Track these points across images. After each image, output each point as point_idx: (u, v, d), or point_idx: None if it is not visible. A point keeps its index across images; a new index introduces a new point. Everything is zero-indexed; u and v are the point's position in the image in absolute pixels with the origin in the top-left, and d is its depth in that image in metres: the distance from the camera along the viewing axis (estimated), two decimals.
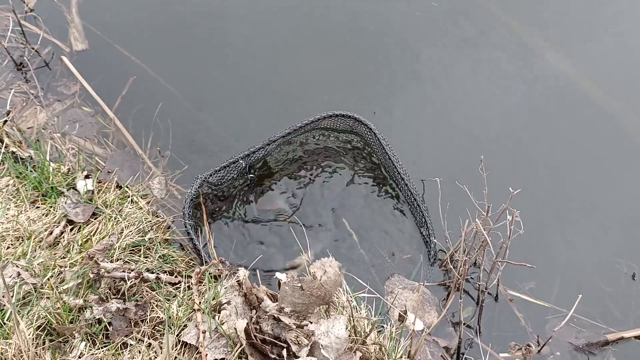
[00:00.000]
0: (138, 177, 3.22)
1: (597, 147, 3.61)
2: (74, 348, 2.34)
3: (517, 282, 3.05)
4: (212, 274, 2.68)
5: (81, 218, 2.86)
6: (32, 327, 2.34)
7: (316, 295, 2.37)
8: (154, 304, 2.56)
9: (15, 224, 2.76)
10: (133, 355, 2.36)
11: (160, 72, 3.76)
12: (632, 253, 3.17)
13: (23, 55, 3.75)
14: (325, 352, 2.28)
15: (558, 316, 2.92)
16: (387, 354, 2.48)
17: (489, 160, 3.31)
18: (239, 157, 3.21)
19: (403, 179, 3.24)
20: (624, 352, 2.87)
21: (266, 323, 2.36)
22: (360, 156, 3.47)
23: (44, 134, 3.37)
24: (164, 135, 3.46)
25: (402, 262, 3.11)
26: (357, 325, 2.49)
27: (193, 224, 3.04)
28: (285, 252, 3.09)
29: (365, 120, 3.38)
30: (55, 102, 3.58)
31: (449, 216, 3.03)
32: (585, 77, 3.93)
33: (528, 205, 3.20)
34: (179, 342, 2.39)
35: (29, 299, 2.46)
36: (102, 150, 3.39)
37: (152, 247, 2.86)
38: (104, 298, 2.51)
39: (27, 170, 3.00)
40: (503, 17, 4.22)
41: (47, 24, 3.90)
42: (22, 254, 2.63)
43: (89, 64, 3.76)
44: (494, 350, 2.83)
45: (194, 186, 3.09)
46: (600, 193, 3.44)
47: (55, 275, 2.57)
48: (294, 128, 3.32)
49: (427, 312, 2.92)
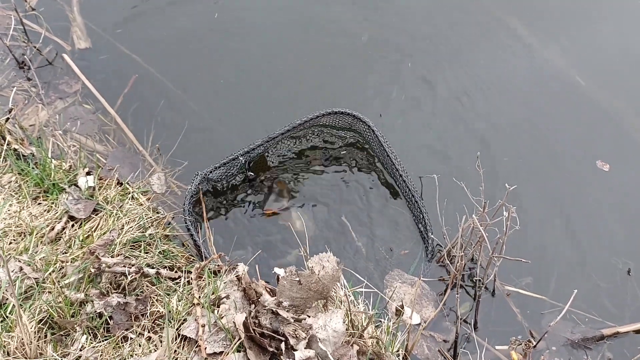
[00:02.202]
0: (138, 174, 3.25)
1: (596, 144, 3.64)
2: (75, 341, 2.37)
3: (513, 277, 3.08)
4: (211, 269, 2.71)
5: (82, 214, 2.89)
6: (34, 320, 2.38)
7: (314, 290, 2.40)
8: (154, 298, 2.59)
9: (18, 220, 2.79)
10: (133, 348, 2.39)
11: (161, 70, 3.79)
12: (628, 249, 3.20)
13: (25, 54, 3.79)
14: (322, 345, 2.30)
15: (554, 311, 2.95)
16: (384, 348, 2.50)
17: (487, 157, 3.37)
18: (238, 153, 3.24)
19: (401, 175, 3.27)
20: (620, 347, 2.89)
21: (265, 317, 2.39)
22: (358, 153, 3.49)
23: (45, 131, 3.40)
24: (164, 132, 3.49)
25: (401, 257, 3.14)
26: (355, 319, 2.52)
27: (193, 220, 3.07)
28: (283, 247, 3.12)
29: (364, 118, 3.40)
30: (57, 100, 3.61)
31: (446, 212, 3.06)
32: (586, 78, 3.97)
33: (525, 201, 3.24)
34: (179, 336, 2.42)
35: (31, 293, 2.49)
36: (103, 147, 3.43)
37: (153, 243, 2.89)
38: (105, 292, 2.54)
39: (29, 167, 3.03)
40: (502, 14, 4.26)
41: (48, 23, 3.93)
42: (24, 249, 2.66)
43: (90, 62, 3.79)
44: (491, 345, 2.85)
45: (194, 182, 3.12)
46: (597, 189, 3.46)
47: (57, 270, 2.60)
48: (294, 125, 3.35)
49: (424, 307, 2.95)
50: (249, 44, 3.98)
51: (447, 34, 4.14)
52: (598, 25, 4.25)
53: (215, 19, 4.09)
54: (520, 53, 4.05)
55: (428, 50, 4.04)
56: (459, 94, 3.82)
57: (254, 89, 3.76)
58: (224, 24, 4.08)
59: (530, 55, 4.05)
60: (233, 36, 4.01)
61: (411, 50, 4.02)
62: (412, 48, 4.03)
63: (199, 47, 3.96)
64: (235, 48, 3.95)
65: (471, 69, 3.95)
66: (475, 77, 3.90)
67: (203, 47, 3.96)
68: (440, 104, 3.78)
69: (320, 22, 4.16)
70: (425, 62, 3.98)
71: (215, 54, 3.94)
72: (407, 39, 4.08)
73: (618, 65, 4.06)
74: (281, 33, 4.08)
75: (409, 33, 4.12)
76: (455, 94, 3.82)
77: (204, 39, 4.00)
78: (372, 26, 4.15)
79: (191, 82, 3.77)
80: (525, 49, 4.08)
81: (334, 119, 3.48)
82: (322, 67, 3.94)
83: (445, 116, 3.72)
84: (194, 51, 3.94)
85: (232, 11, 4.17)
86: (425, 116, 3.72)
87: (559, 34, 4.18)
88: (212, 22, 4.08)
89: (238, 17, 4.13)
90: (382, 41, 4.07)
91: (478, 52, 4.05)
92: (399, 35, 4.09)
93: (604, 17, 4.31)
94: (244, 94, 3.73)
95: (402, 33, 4.11)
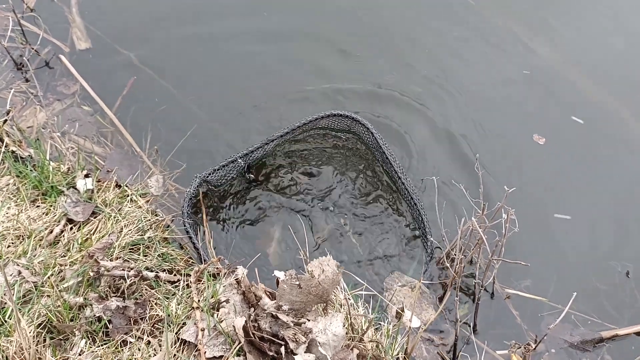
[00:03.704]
0: (137, 177, 3.24)
1: (594, 146, 3.64)
2: (74, 345, 2.36)
3: (512, 279, 3.08)
4: (210, 272, 2.71)
5: (81, 217, 2.88)
6: (33, 325, 2.37)
7: (314, 294, 2.39)
8: (153, 302, 2.58)
9: (16, 223, 2.78)
10: (133, 352, 2.38)
11: (160, 73, 3.79)
12: (627, 251, 3.20)
13: (23, 55, 3.77)
14: (322, 349, 2.30)
15: (553, 313, 2.95)
16: (384, 352, 2.50)
17: (487, 159, 3.37)
18: (237, 156, 3.23)
19: (400, 177, 3.27)
20: (619, 349, 2.90)
21: (264, 321, 2.38)
22: (357, 155, 3.49)
23: (43, 133, 3.39)
24: (162, 134, 3.48)
25: (399, 260, 3.13)
26: (355, 323, 2.52)
27: (192, 222, 3.07)
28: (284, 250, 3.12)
29: (363, 120, 3.41)
30: (55, 102, 3.60)
31: (445, 215, 3.06)
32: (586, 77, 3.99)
33: (524, 203, 3.24)
34: (178, 340, 2.42)
35: (30, 297, 2.48)
36: (101, 149, 3.41)
37: (152, 246, 2.88)
38: (104, 296, 2.53)
39: (27, 170, 3.02)
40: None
41: (46, 24, 3.93)
42: (22, 253, 2.65)
43: (89, 64, 3.78)
44: (490, 348, 2.86)
45: (193, 185, 3.11)
46: (596, 191, 3.46)
47: (56, 273, 2.59)
48: (293, 127, 3.35)
49: (424, 310, 2.94)
50: (251, 46, 3.97)
51: (448, 32, 4.15)
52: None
53: (216, 19, 4.09)
54: (519, 52, 4.06)
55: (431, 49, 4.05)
56: (462, 93, 3.88)
57: (254, 91, 3.75)
58: (225, 26, 4.07)
59: (529, 54, 4.06)
60: (235, 37, 4.00)
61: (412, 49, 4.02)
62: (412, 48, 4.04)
63: (199, 49, 3.95)
64: (236, 51, 3.94)
65: (472, 68, 3.96)
66: (477, 77, 3.92)
67: (203, 50, 3.95)
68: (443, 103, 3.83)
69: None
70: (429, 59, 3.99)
71: (215, 56, 3.93)
72: (408, 40, 4.08)
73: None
74: (283, 32, 4.08)
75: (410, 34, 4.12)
76: (457, 93, 3.88)
77: (204, 41, 3.99)
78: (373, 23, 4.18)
79: (190, 84, 3.75)
80: (527, 50, 4.09)
81: (333, 121, 3.48)
82: (324, 65, 3.94)
83: (448, 115, 3.74)
84: (193, 53, 3.93)
85: (235, 11, 4.17)
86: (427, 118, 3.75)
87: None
88: (213, 24, 4.07)
89: (241, 16, 4.14)
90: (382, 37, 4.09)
91: (477, 50, 4.07)
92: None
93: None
94: (244, 96, 3.72)
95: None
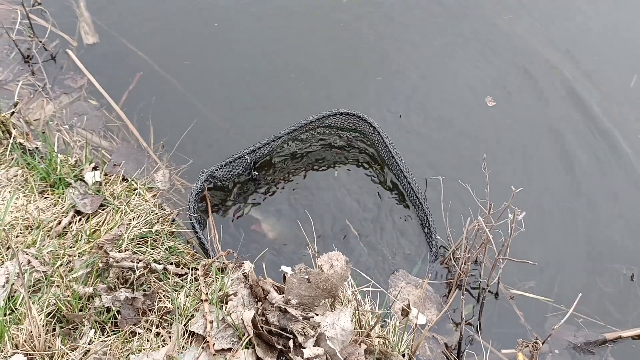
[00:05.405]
0: (143, 171, 3.25)
1: (597, 150, 3.67)
2: (83, 335, 2.36)
3: (517, 280, 3.09)
4: (217, 266, 2.71)
5: (89, 209, 2.88)
6: (42, 313, 2.37)
7: (323, 288, 2.40)
8: (162, 294, 2.58)
9: (25, 213, 2.78)
10: (142, 343, 2.38)
11: (166, 68, 3.80)
12: (631, 254, 3.22)
13: (30, 48, 3.78)
14: (331, 343, 2.31)
15: (557, 314, 2.97)
16: (391, 348, 2.51)
17: (493, 158, 3.38)
18: (244, 152, 3.24)
19: (406, 176, 3.28)
20: (622, 351, 2.91)
21: (272, 314, 2.39)
22: (363, 154, 3.51)
23: (51, 126, 3.39)
24: (169, 129, 3.48)
25: (405, 258, 3.15)
26: (362, 319, 2.53)
27: (198, 217, 3.07)
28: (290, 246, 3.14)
29: (369, 119, 3.42)
30: (62, 95, 3.61)
31: (451, 214, 3.08)
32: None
33: (530, 203, 3.26)
34: (187, 332, 2.42)
35: (39, 287, 2.49)
36: (108, 143, 3.42)
37: (159, 239, 2.89)
38: (113, 287, 2.53)
39: (35, 161, 3.03)
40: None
41: (54, 18, 3.93)
42: (31, 243, 2.66)
43: (96, 58, 3.79)
44: (494, 347, 2.87)
45: (200, 180, 3.12)
46: (600, 193, 3.49)
47: (65, 263, 2.60)
48: (299, 125, 3.36)
49: (427, 309, 2.95)
50: (256, 43, 3.99)
51: (450, 33, 4.18)
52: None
53: (223, 16, 4.11)
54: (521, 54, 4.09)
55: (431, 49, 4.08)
56: (466, 94, 3.86)
57: (261, 88, 3.76)
58: (232, 23, 4.09)
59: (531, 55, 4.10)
60: (241, 34, 4.02)
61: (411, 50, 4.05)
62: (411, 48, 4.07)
63: (206, 45, 3.97)
64: (243, 47, 3.96)
65: (477, 70, 3.99)
66: (480, 79, 3.94)
67: (210, 46, 3.97)
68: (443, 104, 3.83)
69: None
70: (429, 59, 4.02)
71: (222, 52, 3.94)
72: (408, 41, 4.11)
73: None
74: (288, 32, 4.10)
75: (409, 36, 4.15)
76: (462, 95, 3.86)
77: (212, 37, 4.01)
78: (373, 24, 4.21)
79: (197, 80, 3.77)
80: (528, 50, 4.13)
81: (339, 119, 3.49)
82: (327, 65, 3.96)
83: (450, 116, 3.76)
84: (201, 49, 3.94)
85: (240, 10, 4.18)
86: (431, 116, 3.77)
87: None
88: (220, 21, 4.08)
89: (245, 15, 4.15)
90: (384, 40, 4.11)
91: (479, 52, 4.10)
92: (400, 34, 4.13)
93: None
94: (251, 92, 3.74)
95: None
